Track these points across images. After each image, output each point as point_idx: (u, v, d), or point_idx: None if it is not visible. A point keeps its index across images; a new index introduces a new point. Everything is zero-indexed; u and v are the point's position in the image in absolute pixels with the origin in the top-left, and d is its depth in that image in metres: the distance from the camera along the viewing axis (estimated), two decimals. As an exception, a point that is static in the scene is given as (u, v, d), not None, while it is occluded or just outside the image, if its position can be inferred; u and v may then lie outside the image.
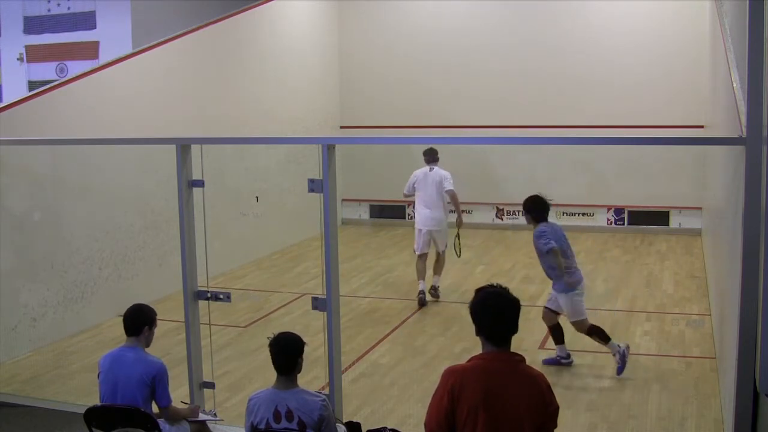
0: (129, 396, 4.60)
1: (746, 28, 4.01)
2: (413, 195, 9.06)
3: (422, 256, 8.93)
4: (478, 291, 3.46)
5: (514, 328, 3.35)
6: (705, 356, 6.89)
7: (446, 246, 9.02)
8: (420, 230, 8.91)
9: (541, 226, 6.79)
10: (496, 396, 3.21)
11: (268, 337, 4.28)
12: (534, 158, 12.96)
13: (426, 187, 8.96)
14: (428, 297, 8.84)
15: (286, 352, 4.19)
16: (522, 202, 7.05)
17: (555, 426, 3.33)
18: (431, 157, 9.08)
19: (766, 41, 3.96)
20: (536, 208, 6.80)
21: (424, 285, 8.83)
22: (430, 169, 9.03)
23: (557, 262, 6.63)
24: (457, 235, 8.82)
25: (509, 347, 3.35)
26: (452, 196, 8.92)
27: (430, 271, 9.05)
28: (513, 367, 3.31)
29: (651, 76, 12.38)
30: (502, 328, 3.33)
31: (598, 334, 6.57)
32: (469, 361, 3.37)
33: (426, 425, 3.33)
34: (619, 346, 6.50)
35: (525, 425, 3.22)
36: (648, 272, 10.15)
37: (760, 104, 3.99)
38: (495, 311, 3.34)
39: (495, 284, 3.49)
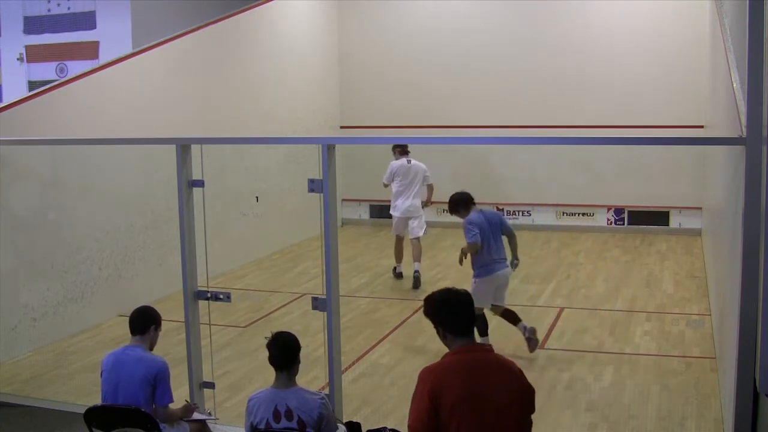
0: (131, 394, 4.60)
1: (746, 28, 4.01)
2: (390, 184, 9.98)
3: (400, 240, 9.97)
4: (429, 297, 3.56)
5: (472, 319, 3.48)
6: (705, 356, 6.89)
7: (423, 233, 9.88)
8: (399, 217, 9.85)
9: (472, 215, 7.11)
10: (478, 389, 3.27)
11: (265, 337, 4.28)
12: (534, 158, 12.95)
13: (407, 178, 9.88)
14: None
15: (285, 349, 4.20)
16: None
17: (533, 410, 3.45)
18: (404, 149, 10.01)
19: (766, 41, 3.96)
20: (461, 205, 7.20)
21: (401, 268, 9.97)
22: (408, 162, 9.95)
23: (467, 252, 7.11)
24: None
25: (474, 337, 3.47)
26: (431, 188, 10.02)
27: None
28: (488, 358, 3.40)
29: (651, 76, 12.38)
30: (464, 318, 3.43)
31: (483, 322, 6.98)
32: (444, 358, 3.42)
33: (410, 427, 3.34)
34: (524, 325, 6.99)
35: (510, 414, 3.30)
36: (648, 272, 10.15)
37: (760, 104, 3.99)
38: (451, 306, 3.44)
39: (446, 288, 3.58)
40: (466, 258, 7.18)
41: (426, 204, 10.09)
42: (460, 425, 3.25)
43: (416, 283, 9.51)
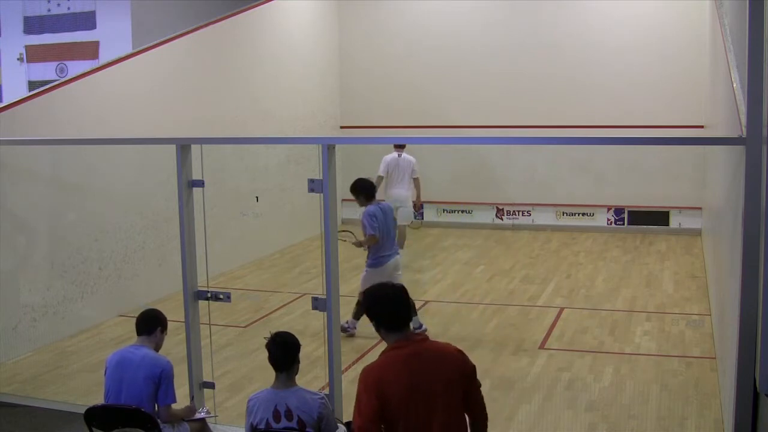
0: (134, 392, 4.61)
1: (746, 28, 4.01)
2: (385, 176, 10.77)
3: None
4: (365, 293, 3.62)
5: (408, 313, 3.50)
6: (705, 356, 6.89)
7: (410, 221, 10.86)
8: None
9: (372, 207, 7.44)
10: (418, 379, 3.35)
11: (265, 337, 4.28)
12: (534, 158, 12.96)
13: (398, 170, 10.78)
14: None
15: (285, 350, 4.20)
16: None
17: (479, 383, 3.50)
18: (400, 146, 10.87)
19: (766, 41, 3.96)
20: (364, 193, 7.54)
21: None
22: (399, 155, 10.79)
23: (366, 243, 7.43)
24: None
25: (409, 330, 3.49)
26: (417, 182, 10.86)
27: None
28: (423, 347, 3.45)
29: (651, 76, 12.38)
30: (397, 313, 3.45)
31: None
32: (381, 355, 3.49)
33: (359, 428, 3.35)
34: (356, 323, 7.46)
35: (454, 394, 3.37)
36: (648, 272, 10.15)
37: (760, 104, 3.99)
38: (385, 300, 3.47)
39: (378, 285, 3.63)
40: (364, 249, 7.57)
41: (416, 198, 10.90)
42: (408, 418, 3.34)
43: None
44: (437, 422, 3.35)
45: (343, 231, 7.63)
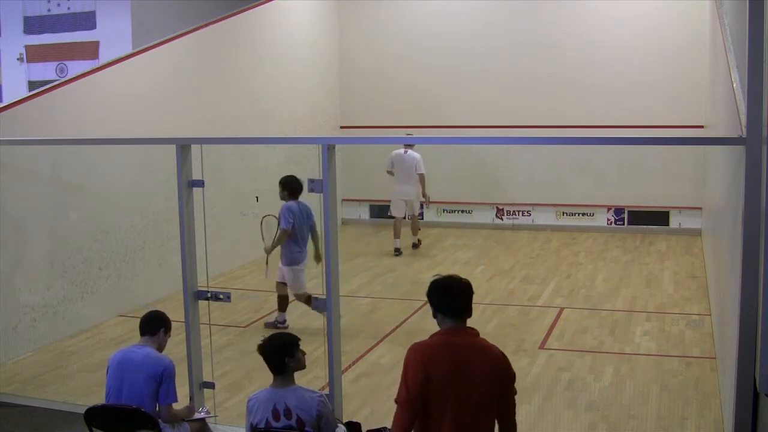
0: (136, 391, 4.61)
1: (746, 28, 4.01)
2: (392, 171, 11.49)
3: (397, 220, 11.55)
4: (433, 280, 3.72)
5: (465, 305, 3.60)
6: (705, 356, 6.89)
7: (419, 211, 11.80)
8: (398, 199, 11.50)
9: (291, 204, 7.71)
10: (461, 368, 3.46)
11: (259, 342, 4.29)
12: (534, 158, 12.96)
13: (403, 166, 11.42)
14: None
15: (275, 355, 4.20)
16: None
17: (515, 392, 3.58)
18: (408, 144, 11.43)
19: (766, 41, 3.96)
20: (293, 187, 7.77)
21: (400, 243, 11.47)
22: (405, 152, 11.38)
23: (280, 240, 7.73)
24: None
25: (464, 323, 3.59)
26: (422, 177, 11.38)
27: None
28: (472, 340, 3.56)
29: (651, 76, 12.38)
30: (454, 303, 3.58)
31: (308, 303, 7.67)
32: (432, 337, 3.60)
33: (401, 402, 3.49)
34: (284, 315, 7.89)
35: (488, 393, 3.46)
36: (648, 272, 10.15)
37: (760, 104, 3.99)
38: (446, 289, 3.60)
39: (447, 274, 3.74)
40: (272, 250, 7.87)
41: (423, 195, 11.47)
42: (446, 401, 3.44)
43: (414, 246, 11.62)
44: (467, 414, 3.44)
45: (269, 216, 8.01)
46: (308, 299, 7.76)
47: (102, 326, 8.23)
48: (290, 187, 7.78)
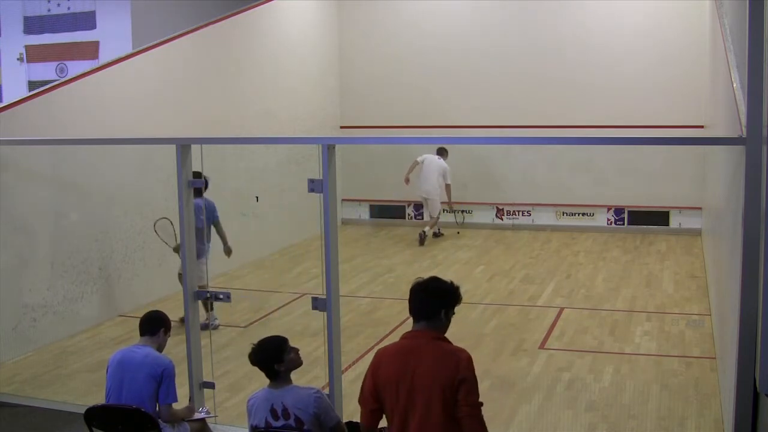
0: (135, 391, 4.61)
1: (746, 28, 4.01)
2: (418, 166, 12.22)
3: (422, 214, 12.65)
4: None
5: (420, 308, 3.57)
6: (705, 356, 6.89)
7: (437, 213, 12.29)
8: (420, 197, 12.44)
9: (198, 200, 7.59)
10: (405, 373, 3.45)
11: (251, 343, 4.28)
12: (534, 158, 12.96)
13: (430, 167, 12.15)
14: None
15: (263, 363, 4.20)
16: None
17: (472, 398, 3.38)
18: (441, 153, 12.26)
19: (766, 41, 3.96)
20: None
21: (422, 230, 12.21)
22: (438, 158, 12.15)
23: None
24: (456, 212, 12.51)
25: (429, 326, 3.55)
26: (448, 188, 12.25)
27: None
28: (426, 344, 3.50)
29: (651, 76, 12.38)
30: (411, 305, 3.61)
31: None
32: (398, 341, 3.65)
33: (360, 401, 3.62)
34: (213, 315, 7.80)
35: (434, 399, 3.39)
36: (648, 272, 10.15)
37: (760, 104, 3.99)
38: (414, 292, 3.62)
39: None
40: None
41: (448, 203, 12.38)
42: (393, 406, 3.47)
43: (420, 240, 12.08)
44: (414, 420, 3.42)
45: (162, 219, 7.98)
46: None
47: (102, 326, 8.23)
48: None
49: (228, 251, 8.22)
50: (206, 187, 7.78)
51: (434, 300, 3.57)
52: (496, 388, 6.19)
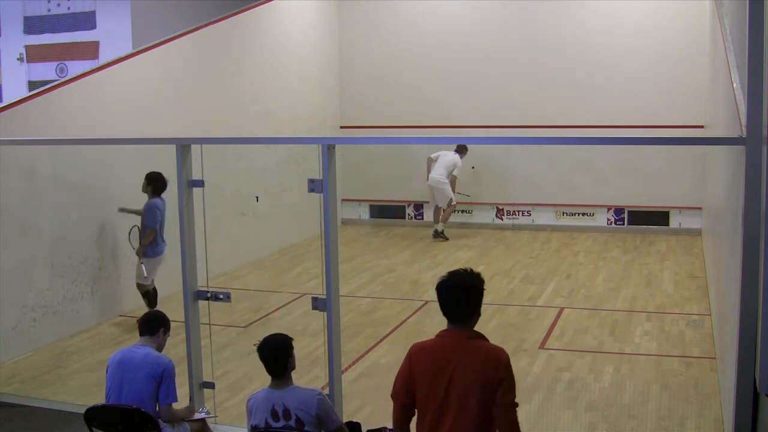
0: (135, 391, 4.61)
1: (746, 28, 4.01)
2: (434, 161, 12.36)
3: (435, 206, 12.55)
4: (440, 283, 3.65)
5: (453, 308, 3.53)
6: (705, 356, 6.89)
7: (446, 204, 12.33)
8: (428, 185, 12.48)
9: (157, 200, 7.96)
10: (443, 370, 3.44)
11: (254, 344, 4.29)
12: (534, 158, 12.96)
13: (443, 160, 12.27)
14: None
15: (275, 355, 4.20)
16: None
17: (510, 398, 3.42)
18: (460, 150, 12.35)
19: (766, 41, 3.96)
20: (159, 184, 7.94)
21: (440, 226, 12.41)
22: (455, 153, 12.30)
23: (149, 237, 7.93)
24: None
25: (465, 325, 3.53)
26: (453, 179, 12.38)
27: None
28: (464, 344, 3.50)
29: (651, 76, 12.38)
30: (443, 305, 3.55)
31: (148, 297, 8.02)
32: (432, 339, 3.61)
33: (391, 395, 3.64)
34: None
35: (471, 399, 3.40)
36: (648, 272, 10.15)
37: (760, 104, 3.99)
38: (438, 290, 3.56)
39: (461, 269, 3.64)
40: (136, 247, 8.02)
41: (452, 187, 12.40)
42: (427, 404, 3.47)
43: (434, 234, 12.36)
44: (448, 419, 3.41)
45: (127, 210, 8.24)
46: (150, 293, 8.09)
47: (102, 326, 8.23)
48: (156, 183, 7.92)
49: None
50: (165, 189, 7.96)
51: (472, 299, 3.54)
52: (496, 388, 6.18)
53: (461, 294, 3.52)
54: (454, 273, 3.59)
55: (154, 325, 4.89)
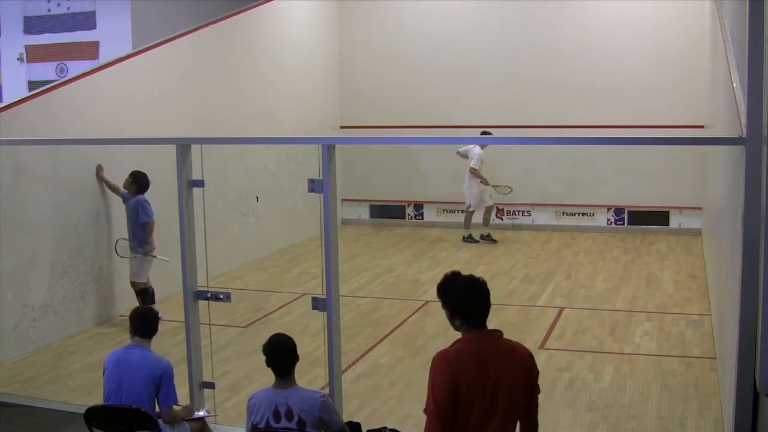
0: (134, 393, 4.61)
1: (746, 28, 4.01)
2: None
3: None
4: (452, 277, 3.61)
5: (488, 310, 3.59)
6: (705, 356, 6.89)
7: (468, 206, 12.20)
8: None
9: (144, 197, 8.03)
10: (488, 375, 3.39)
11: (264, 345, 4.29)
12: (534, 158, 12.95)
13: (465, 160, 12.01)
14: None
15: (281, 356, 4.20)
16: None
17: (539, 390, 3.56)
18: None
19: (766, 41, 3.96)
20: (143, 182, 8.03)
21: (466, 231, 12.17)
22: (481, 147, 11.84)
23: (150, 233, 8.02)
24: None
25: (485, 326, 3.57)
26: (472, 171, 11.91)
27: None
28: (498, 344, 3.52)
29: (651, 76, 12.38)
30: (481, 308, 3.54)
31: (142, 295, 8.02)
32: (453, 345, 3.51)
33: (431, 412, 3.37)
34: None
35: (517, 396, 3.43)
36: (648, 272, 10.15)
37: (760, 104, 3.99)
38: (472, 292, 3.53)
39: (469, 275, 3.64)
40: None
41: (482, 182, 11.99)
42: (472, 408, 3.38)
43: (481, 238, 12.06)
44: (495, 418, 3.40)
45: (121, 239, 8.22)
46: (144, 292, 8.09)
47: (102, 326, 8.23)
48: (141, 181, 8.00)
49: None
50: (148, 188, 8.03)
51: (489, 301, 3.59)
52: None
53: (487, 296, 3.56)
54: (472, 278, 3.57)
55: (149, 327, 4.88)
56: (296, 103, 12.50)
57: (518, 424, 3.52)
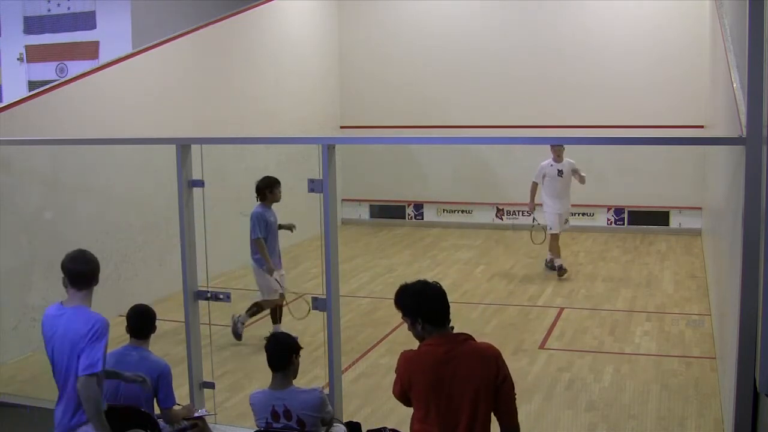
0: (133, 394, 4.61)
1: (746, 28, 4.00)
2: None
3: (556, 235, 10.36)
4: (405, 289, 3.63)
5: (448, 310, 3.60)
6: (705, 356, 6.89)
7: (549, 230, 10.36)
8: (553, 213, 10.40)
9: (261, 209, 7.76)
10: (443, 376, 3.45)
11: (264, 338, 4.30)
12: (534, 158, 12.93)
13: (560, 178, 10.41)
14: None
15: (281, 351, 4.21)
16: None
17: (513, 393, 3.54)
18: (558, 151, 10.39)
19: (766, 41, 3.95)
20: (258, 190, 7.82)
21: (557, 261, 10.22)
22: (558, 161, 10.33)
23: (260, 251, 7.73)
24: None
25: (448, 329, 3.59)
26: (580, 179, 10.30)
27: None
28: (459, 347, 3.52)
29: (651, 76, 12.38)
30: (445, 311, 3.57)
31: (273, 314, 7.74)
32: (420, 347, 3.58)
33: (394, 394, 3.67)
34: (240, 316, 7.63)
35: (483, 395, 3.45)
36: (648, 272, 10.15)
37: (760, 104, 3.98)
38: (436, 298, 3.56)
39: (420, 280, 3.67)
40: None
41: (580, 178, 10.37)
42: (428, 410, 3.48)
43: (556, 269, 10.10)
44: (464, 418, 3.44)
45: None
46: (256, 307, 7.82)
47: (102, 326, 8.21)
48: (257, 189, 7.84)
49: None
50: (267, 197, 7.80)
51: (447, 303, 3.60)
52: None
53: (443, 297, 3.58)
54: (424, 282, 3.60)
55: (147, 329, 4.89)
56: (296, 103, 12.50)
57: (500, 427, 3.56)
